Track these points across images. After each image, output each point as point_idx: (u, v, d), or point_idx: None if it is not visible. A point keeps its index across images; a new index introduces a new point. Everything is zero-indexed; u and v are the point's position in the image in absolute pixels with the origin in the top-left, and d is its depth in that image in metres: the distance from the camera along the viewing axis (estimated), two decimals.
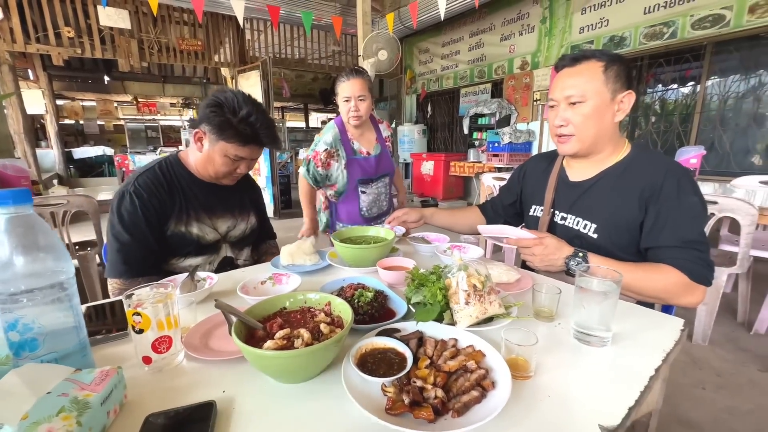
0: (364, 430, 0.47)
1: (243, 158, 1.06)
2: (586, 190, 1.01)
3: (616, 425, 0.47)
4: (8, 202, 0.47)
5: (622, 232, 0.94)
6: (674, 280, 0.83)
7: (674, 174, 0.90)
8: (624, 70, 0.92)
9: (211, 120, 1.00)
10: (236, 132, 1.00)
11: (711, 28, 3.25)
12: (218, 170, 1.07)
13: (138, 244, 0.99)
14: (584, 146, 0.97)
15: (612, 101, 0.92)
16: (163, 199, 1.03)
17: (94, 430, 0.44)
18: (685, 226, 0.87)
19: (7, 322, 0.47)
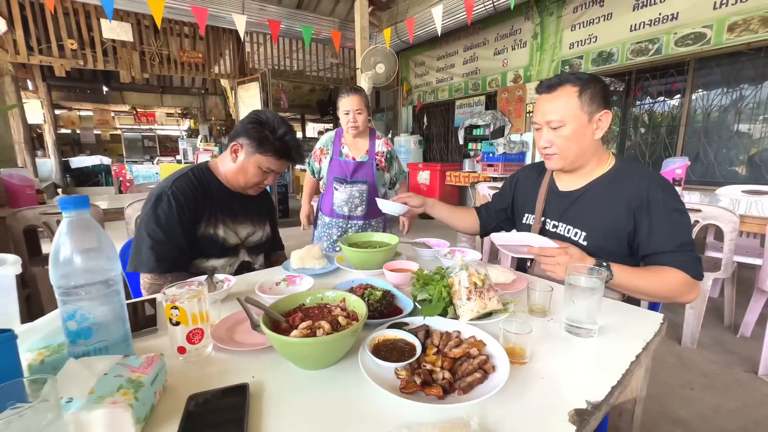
0: (381, 407, 0.54)
1: (273, 171, 1.19)
2: (576, 200, 1.10)
3: (600, 400, 0.54)
4: (70, 207, 0.54)
5: (609, 238, 1.03)
6: (680, 280, 0.92)
7: (657, 184, 0.99)
8: (599, 92, 1.00)
9: (251, 134, 1.13)
10: (273, 147, 1.14)
11: (693, 45, 3.42)
12: (249, 180, 1.17)
13: (171, 244, 1.06)
14: (567, 162, 1.07)
15: (589, 122, 1.01)
16: (197, 202, 1.12)
17: (146, 407, 0.50)
18: (678, 231, 0.97)
19: (67, 312, 0.53)
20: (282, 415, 0.52)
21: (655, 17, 3.63)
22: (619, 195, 1.02)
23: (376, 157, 1.91)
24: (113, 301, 0.58)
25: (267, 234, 1.35)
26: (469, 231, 1.44)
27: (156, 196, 1.08)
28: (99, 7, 4.69)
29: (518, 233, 1.04)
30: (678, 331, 2.21)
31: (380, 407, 0.53)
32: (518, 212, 1.29)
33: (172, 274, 1.06)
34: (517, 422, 0.50)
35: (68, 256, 0.53)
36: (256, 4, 4.97)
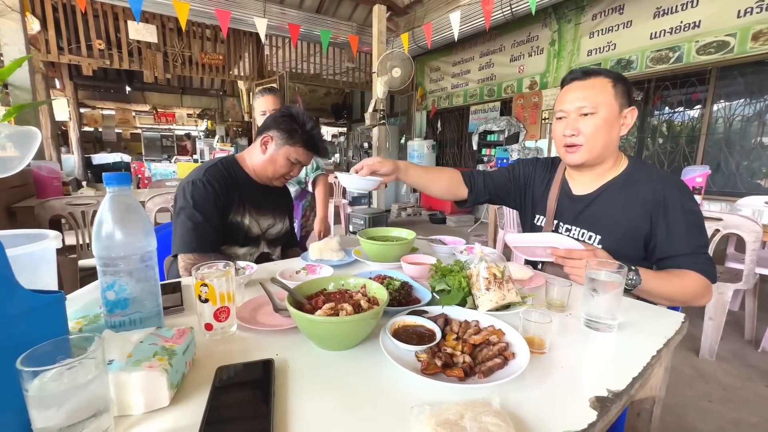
0: (402, 386, 0.55)
1: (299, 163, 1.24)
2: (590, 203, 1.08)
3: (621, 389, 0.54)
4: (113, 183, 0.57)
5: (625, 242, 1.01)
6: (700, 284, 0.92)
7: (673, 185, 0.99)
8: (627, 89, 1.01)
9: (281, 127, 1.19)
10: (302, 139, 1.21)
11: (715, 53, 3.37)
12: (277, 171, 1.23)
13: (208, 224, 1.11)
14: (592, 156, 1.02)
15: (619, 115, 1.00)
16: (227, 189, 1.17)
17: (179, 374, 0.52)
18: (695, 234, 0.96)
19: (107, 282, 0.56)
20: (306, 390, 0.54)
21: (677, 25, 3.59)
22: (635, 197, 1.01)
23: None
24: (148, 275, 0.60)
25: (285, 228, 1.39)
26: (447, 195, 1.28)
27: (191, 182, 1.13)
28: (126, 9, 4.86)
29: (540, 234, 1.00)
30: (696, 342, 2.16)
31: (402, 386, 0.55)
32: (527, 208, 1.25)
33: (212, 254, 1.10)
34: (538, 406, 0.51)
35: (109, 229, 0.56)
36: (277, 7, 5.09)
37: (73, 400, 0.39)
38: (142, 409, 0.48)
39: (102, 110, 10.65)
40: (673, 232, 0.96)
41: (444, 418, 0.44)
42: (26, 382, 0.36)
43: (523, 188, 1.26)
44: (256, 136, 1.27)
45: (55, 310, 0.44)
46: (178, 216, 1.12)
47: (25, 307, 0.41)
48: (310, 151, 1.24)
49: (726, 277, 2.11)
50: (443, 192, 1.27)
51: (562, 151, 1.08)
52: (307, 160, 1.25)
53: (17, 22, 2.91)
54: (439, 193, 1.27)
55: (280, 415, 0.48)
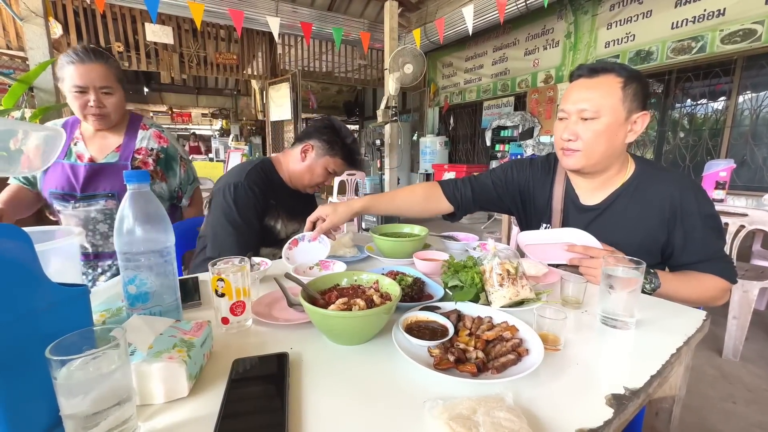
0: (415, 381, 0.55)
1: (335, 173, 1.29)
2: (601, 213, 1.00)
3: (639, 387, 0.53)
4: (133, 180, 0.58)
5: (641, 253, 0.86)
6: (720, 286, 0.91)
7: (689, 189, 0.94)
8: (642, 89, 0.90)
9: (324, 138, 1.23)
10: (343, 152, 1.25)
11: (741, 42, 3.23)
12: (313, 180, 1.27)
13: (249, 230, 1.14)
14: (589, 164, 0.94)
15: (626, 121, 0.90)
16: (265, 194, 1.20)
17: (197, 366, 0.54)
18: (712, 239, 0.93)
19: (128, 277, 0.58)
20: (320, 383, 0.54)
21: (700, 14, 3.46)
22: (650, 205, 0.95)
23: (137, 157, 1.29)
24: (167, 270, 0.62)
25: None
26: (427, 214, 1.19)
27: (233, 185, 1.14)
28: (144, 12, 4.98)
29: (555, 230, 0.93)
30: (719, 342, 2.09)
31: (414, 381, 0.55)
32: (529, 215, 1.16)
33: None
34: (553, 402, 0.50)
35: (130, 225, 0.58)
36: (289, 6, 5.13)
37: (98, 389, 0.41)
38: (162, 398, 0.49)
39: None
40: (691, 240, 0.93)
41: (456, 413, 0.44)
42: (55, 370, 0.38)
43: (519, 194, 1.16)
44: (295, 142, 1.30)
45: (80, 303, 0.46)
46: (218, 218, 1.13)
47: (53, 300, 0.43)
48: (348, 163, 1.29)
49: (752, 274, 2.04)
50: (421, 211, 1.17)
51: (560, 153, 1.00)
52: (341, 171, 1.30)
53: (41, 26, 3.01)
54: (417, 213, 1.17)
55: (295, 407, 0.49)
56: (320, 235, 1.05)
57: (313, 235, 1.04)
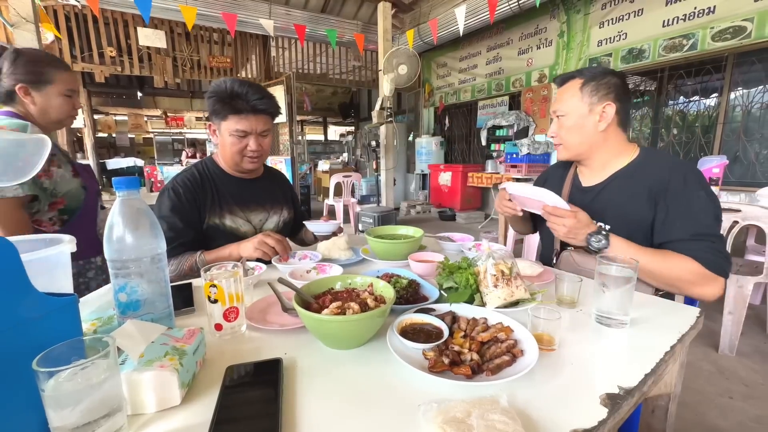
0: (410, 384, 0.55)
1: (246, 132, 1.13)
2: (598, 194, 1.09)
3: (633, 386, 0.53)
4: (122, 187, 0.58)
5: (634, 231, 0.99)
6: (690, 268, 0.88)
7: (680, 169, 0.96)
8: (605, 84, 1.02)
9: (211, 107, 1.13)
10: (230, 107, 1.10)
11: (732, 39, 3.26)
12: (233, 152, 1.15)
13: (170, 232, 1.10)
14: (571, 153, 1.11)
15: (590, 113, 1.03)
16: (196, 193, 1.16)
17: (189, 374, 0.53)
18: (695, 219, 0.92)
19: (119, 285, 0.58)
20: (314, 388, 0.54)
21: (690, 11, 3.49)
22: (642, 185, 1.00)
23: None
24: (158, 277, 0.62)
25: (285, 219, 1.34)
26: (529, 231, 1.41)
27: (161, 192, 1.16)
28: (136, 16, 4.95)
29: (535, 188, 1.02)
30: (715, 338, 2.11)
31: (409, 384, 0.55)
32: None
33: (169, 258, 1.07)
34: (548, 403, 0.50)
35: (120, 232, 0.57)
36: (282, 8, 5.12)
37: (88, 400, 0.40)
38: (154, 408, 0.49)
39: (115, 116, 10.88)
40: (672, 217, 0.94)
41: (451, 416, 0.44)
42: (42, 382, 0.38)
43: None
44: None
45: (68, 313, 0.45)
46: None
47: (40, 311, 0.42)
48: (244, 113, 1.10)
49: (746, 270, 2.05)
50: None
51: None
52: (249, 126, 1.12)
53: (32, 32, 2.99)
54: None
55: (289, 413, 0.49)
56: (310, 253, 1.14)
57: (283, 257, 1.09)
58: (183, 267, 1.07)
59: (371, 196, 7.17)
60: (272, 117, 1.19)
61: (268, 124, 1.18)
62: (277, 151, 5.73)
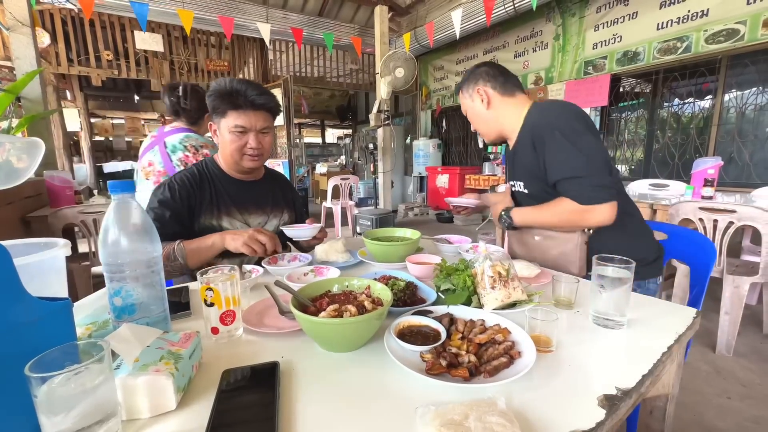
0: (407, 387, 0.54)
1: (245, 128, 1.12)
2: (513, 157, 1.21)
3: (631, 387, 0.53)
4: (118, 190, 0.58)
5: (538, 181, 1.10)
6: (569, 208, 0.99)
7: (548, 117, 1.04)
8: (470, 81, 1.19)
9: (211, 106, 1.13)
10: (229, 103, 1.10)
11: (725, 42, 3.29)
12: (233, 150, 1.14)
13: (155, 222, 1.07)
14: (489, 137, 1.25)
15: (473, 101, 1.20)
16: (192, 190, 1.15)
17: (185, 378, 0.53)
18: (564, 163, 0.99)
19: (114, 289, 0.57)
20: (311, 392, 0.54)
21: (684, 14, 3.52)
22: (527, 137, 1.09)
23: None
24: (154, 281, 0.61)
25: (285, 221, 1.32)
26: None
27: (157, 186, 1.15)
28: (133, 20, 4.95)
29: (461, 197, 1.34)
30: (712, 338, 2.11)
31: (406, 387, 0.54)
32: None
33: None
34: (546, 405, 0.50)
35: (115, 236, 0.57)
36: (280, 12, 5.13)
37: (81, 405, 0.40)
38: (149, 412, 0.48)
39: (112, 119, 10.85)
40: (549, 159, 1.02)
41: (448, 419, 0.44)
42: (35, 388, 0.37)
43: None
44: None
45: (62, 317, 0.45)
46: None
47: (33, 315, 0.42)
48: (242, 108, 1.10)
49: (742, 270, 2.06)
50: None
51: None
52: (247, 121, 1.12)
53: (28, 36, 2.98)
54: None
55: (285, 417, 0.48)
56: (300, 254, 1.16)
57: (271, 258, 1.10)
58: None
59: (369, 199, 7.17)
60: (272, 114, 1.18)
61: (268, 121, 1.17)
62: (275, 153, 5.72)
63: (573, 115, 1.01)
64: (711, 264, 1.06)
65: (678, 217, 2.15)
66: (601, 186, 0.96)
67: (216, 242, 1.05)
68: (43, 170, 2.77)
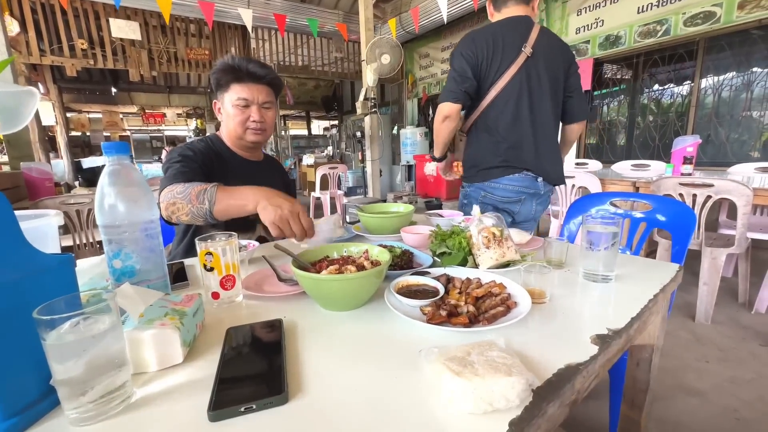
0: (409, 336, 0.56)
1: (248, 101, 1.15)
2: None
3: (621, 327, 0.56)
4: (112, 152, 0.57)
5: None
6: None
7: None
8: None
9: (215, 82, 1.16)
10: (232, 76, 1.14)
11: (702, 24, 3.37)
12: (236, 123, 1.16)
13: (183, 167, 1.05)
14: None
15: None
16: (209, 159, 1.15)
17: (190, 334, 0.53)
18: None
19: (113, 251, 0.57)
20: (316, 344, 0.55)
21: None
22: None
23: None
24: (153, 244, 0.61)
25: None
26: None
27: (170, 151, 1.13)
28: (108, 6, 4.77)
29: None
30: (692, 309, 2.21)
31: (409, 335, 0.56)
32: None
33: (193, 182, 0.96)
34: (542, 345, 0.52)
35: (112, 198, 0.56)
36: None
37: (91, 352, 0.40)
38: (156, 366, 0.49)
39: (89, 114, 10.47)
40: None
41: (452, 356, 0.46)
42: (44, 331, 0.37)
43: None
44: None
45: (65, 271, 0.45)
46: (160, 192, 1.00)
47: (37, 266, 0.42)
48: (245, 81, 1.14)
49: (719, 243, 2.15)
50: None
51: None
52: (251, 94, 1.15)
53: None
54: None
55: (292, 366, 0.49)
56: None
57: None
58: (190, 191, 0.90)
59: (358, 188, 7.15)
60: (275, 90, 1.22)
61: (270, 96, 1.20)
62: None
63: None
64: (691, 228, 1.11)
65: (660, 193, 2.22)
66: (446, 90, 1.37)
67: (248, 205, 0.85)
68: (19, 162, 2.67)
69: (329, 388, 0.44)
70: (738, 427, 1.38)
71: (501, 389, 0.39)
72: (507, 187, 1.41)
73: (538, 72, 1.37)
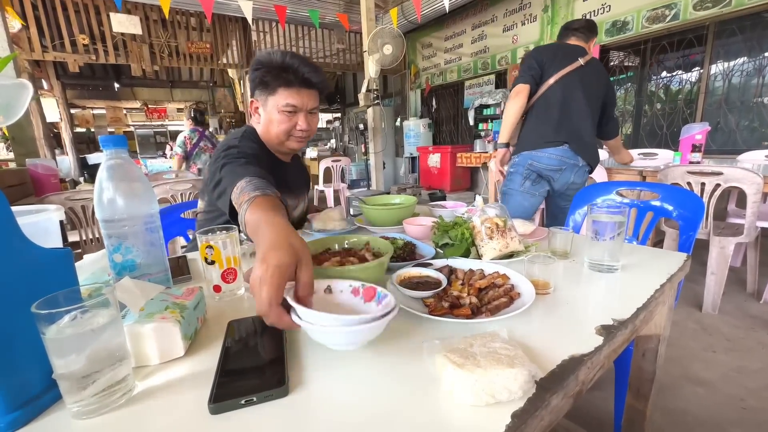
0: (411, 328, 0.56)
1: (297, 107, 1.05)
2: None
3: (626, 318, 0.55)
4: (110, 145, 0.56)
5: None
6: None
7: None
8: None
9: (256, 81, 1.04)
10: (281, 79, 1.01)
11: (713, 8, 3.28)
12: (280, 130, 1.06)
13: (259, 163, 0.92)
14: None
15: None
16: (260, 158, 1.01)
17: (191, 328, 0.53)
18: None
19: (113, 245, 0.57)
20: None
21: None
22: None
23: None
24: (153, 239, 0.61)
25: (302, 209, 1.30)
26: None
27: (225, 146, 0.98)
28: (108, 2, 4.74)
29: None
30: (699, 298, 2.19)
31: (411, 327, 0.56)
32: None
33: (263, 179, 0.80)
34: (546, 336, 0.52)
35: (111, 191, 0.56)
36: None
37: (92, 346, 0.40)
38: (158, 359, 0.49)
39: (92, 110, 10.50)
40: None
41: (454, 347, 0.45)
42: (43, 326, 0.37)
43: None
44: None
45: (64, 265, 0.44)
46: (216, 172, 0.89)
47: (35, 260, 0.42)
48: (296, 86, 1.03)
49: (728, 232, 2.12)
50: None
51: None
52: (301, 101, 1.04)
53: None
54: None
55: (293, 358, 0.49)
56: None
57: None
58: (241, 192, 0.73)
59: (361, 181, 7.14)
60: (322, 94, 1.12)
61: (317, 101, 1.11)
62: None
63: None
64: (699, 217, 1.09)
65: (667, 182, 2.18)
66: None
67: (257, 239, 0.58)
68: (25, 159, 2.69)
69: (330, 381, 0.44)
70: (745, 415, 1.37)
71: (503, 381, 0.39)
72: (552, 156, 1.73)
73: (588, 78, 1.77)
